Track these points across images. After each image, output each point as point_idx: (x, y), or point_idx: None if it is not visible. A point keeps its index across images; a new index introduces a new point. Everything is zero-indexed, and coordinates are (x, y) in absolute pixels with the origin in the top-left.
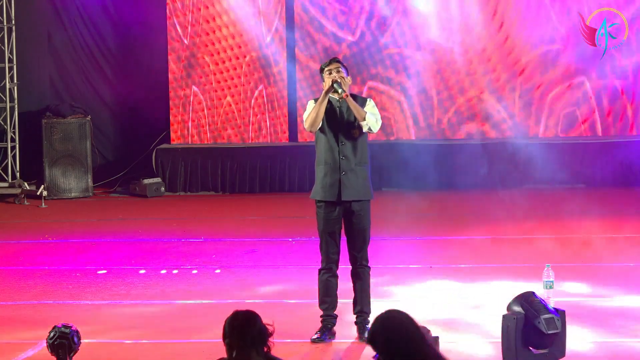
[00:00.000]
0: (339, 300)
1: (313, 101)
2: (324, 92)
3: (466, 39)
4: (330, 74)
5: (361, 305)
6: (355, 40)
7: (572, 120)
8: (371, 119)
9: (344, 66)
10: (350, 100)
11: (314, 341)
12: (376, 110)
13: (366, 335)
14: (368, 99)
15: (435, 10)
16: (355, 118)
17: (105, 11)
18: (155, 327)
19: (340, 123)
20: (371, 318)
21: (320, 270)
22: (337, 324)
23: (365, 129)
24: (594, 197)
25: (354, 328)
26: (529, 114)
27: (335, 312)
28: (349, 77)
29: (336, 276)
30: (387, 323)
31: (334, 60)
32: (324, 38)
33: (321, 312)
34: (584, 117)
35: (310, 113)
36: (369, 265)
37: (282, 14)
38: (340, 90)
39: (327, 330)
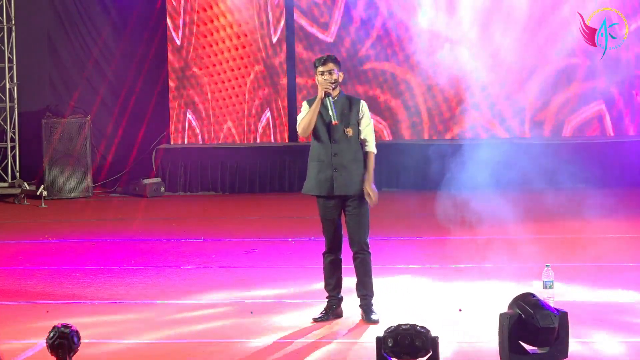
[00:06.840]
0: (346, 295)
1: (306, 103)
2: (317, 98)
3: (479, 38)
4: (322, 75)
5: (365, 290)
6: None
7: (572, 121)
8: (374, 150)
9: (338, 63)
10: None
11: (315, 320)
12: (371, 127)
13: (372, 316)
14: (361, 105)
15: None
16: (347, 116)
17: (105, 11)
18: (156, 327)
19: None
20: (375, 300)
21: (324, 254)
22: (341, 319)
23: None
24: (593, 197)
25: (358, 320)
26: (530, 114)
27: (340, 294)
28: (340, 74)
29: (339, 259)
30: None
31: (329, 60)
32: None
33: (327, 294)
34: (585, 118)
35: (304, 118)
36: (369, 250)
37: (282, 7)
38: (332, 115)
39: (330, 310)
